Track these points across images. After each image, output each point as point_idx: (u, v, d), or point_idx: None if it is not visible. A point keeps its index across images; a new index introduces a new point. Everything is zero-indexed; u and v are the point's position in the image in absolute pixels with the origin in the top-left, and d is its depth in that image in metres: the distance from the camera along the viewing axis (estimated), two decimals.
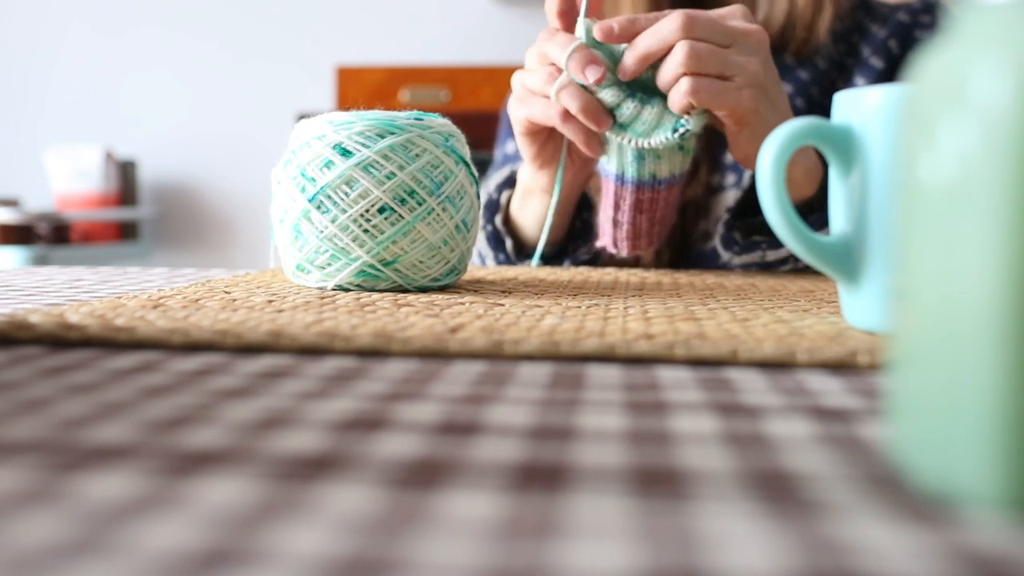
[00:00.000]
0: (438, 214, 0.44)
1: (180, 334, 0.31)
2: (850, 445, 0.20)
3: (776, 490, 0.17)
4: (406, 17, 2.33)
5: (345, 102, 2.08)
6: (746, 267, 0.65)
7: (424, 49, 2.31)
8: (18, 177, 2.41)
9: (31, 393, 0.24)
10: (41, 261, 1.90)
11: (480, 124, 1.22)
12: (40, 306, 0.40)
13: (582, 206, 0.69)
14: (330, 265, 0.44)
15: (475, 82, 2.09)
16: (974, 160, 0.16)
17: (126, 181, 2.27)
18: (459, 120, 0.50)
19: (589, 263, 0.69)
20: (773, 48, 0.67)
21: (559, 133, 0.60)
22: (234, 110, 2.37)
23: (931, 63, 0.18)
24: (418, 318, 0.35)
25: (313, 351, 0.31)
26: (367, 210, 0.43)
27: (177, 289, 0.44)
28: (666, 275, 0.59)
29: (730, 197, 0.73)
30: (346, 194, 0.43)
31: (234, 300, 0.40)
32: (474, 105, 2.05)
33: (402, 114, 0.45)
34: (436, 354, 0.31)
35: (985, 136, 0.16)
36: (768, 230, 0.63)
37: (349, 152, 0.43)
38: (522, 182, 0.67)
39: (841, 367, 0.29)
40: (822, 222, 0.56)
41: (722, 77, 0.51)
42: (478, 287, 0.48)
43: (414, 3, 2.33)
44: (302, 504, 0.16)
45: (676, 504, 0.16)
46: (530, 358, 0.30)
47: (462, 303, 0.40)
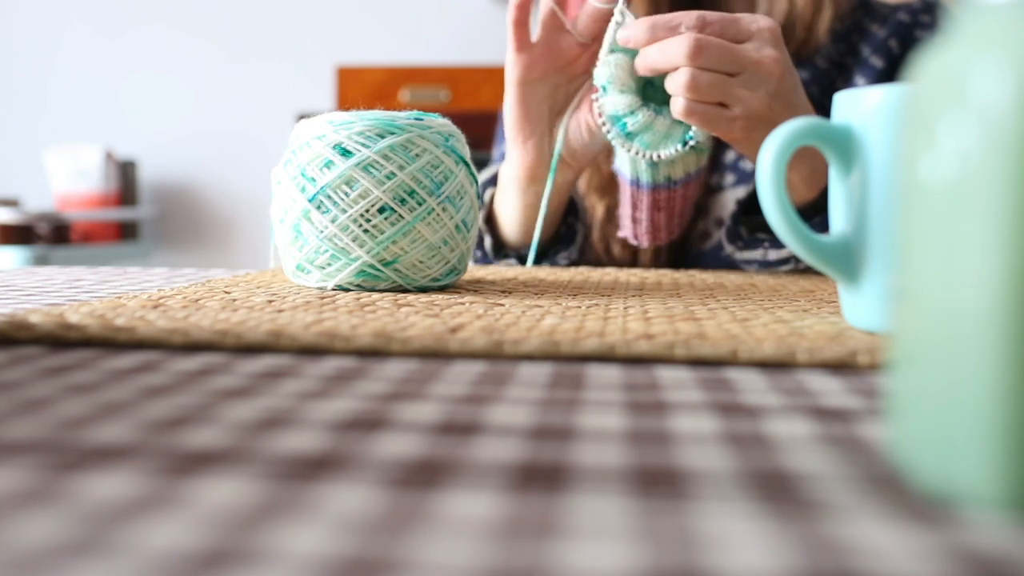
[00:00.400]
0: (438, 214, 0.44)
1: (180, 334, 0.31)
2: (850, 445, 0.20)
3: (776, 490, 0.17)
4: (406, 17, 2.33)
5: (345, 102, 2.08)
6: (748, 263, 0.65)
7: (424, 49, 2.31)
8: (18, 177, 2.41)
9: (31, 393, 0.24)
10: (41, 261, 1.90)
11: (480, 124, 1.22)
12: (40, 306, 0.40)
13: (568, 211, 0.69)
14: (330, 265, 0.44)
15: (475, 82, 2.09)
16: (974, 160, 0.16)
17: (126, 181, 2.27)
18: (459, 120, 0.50)
19: (570, 265, 0.69)
20: None
21: (548, 104, 0.61)
22: (234, 110, 2.37)
23: (931, 63, 0.18)
24: (418, 318, 0.35)
25: (313, 351, 0.31)
26: (367, 210, 0.43)
27: (177, 289, 0.44)
28: (666, 275, 0.59)
29: (730, 196, 0.73)
30: (346, 194, 0.43)
31: (234, 300, 0.40)
32: (474, 105, 2.05)
33: (402, 114, 0.45)
34: (436, 354, 0.31)
35: (985, 136, 0.16)
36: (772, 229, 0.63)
37: (349, 152, 0.43)
38: (503, 176, 0.67)
39: (841, 367, 0.29)
40: (823, 225, 0.56)
41: (722, 105, 0.51)
42: (478, 287, 0.48)
43: (414, 3, 2.33)
44: (302, 504, 0.16)
45: (676, 504, 0.16)
46: (530, 358, 0.30)
47: (462, 303, 0.40)
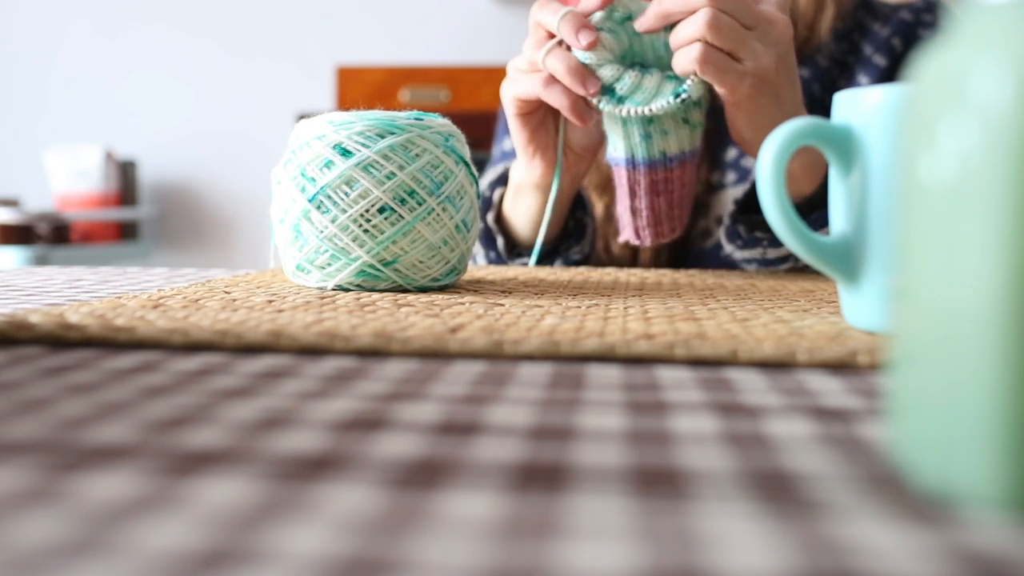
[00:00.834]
0: (438, 214, 0.44)
1: (180, 334, 0.31)
2: (850, 445, 0.20)
3: (776, 490, 0.17)
4: (406, 17, 2.33)
5: (345, 102, 2.08)
6: (747, 262, 0.64)
7: (424, 49, 2.31)
8: (18, 177, 2.41)
9: (31, 393, 0.24)
10: (41, 261, 1.90)
11: (480, 124, 1.22)
12: (40, 306, 0.40)
13: (575, 206, 0.69)
14: (330, 265, 0.44)
15: (475, 82, 2.09)
16: (974, 160, 0.16)
17: (126, 181, 2.27)
18: (459, 120, 0.50)
19: (579, 263, 0.69)
20: None
21: (552, 119, 0.60)
22: (234, 110, 2.37)
23: (931, 63, 0.18)
24: (418, 318, 0.35)
25: (313, 351, 0.31)
26: (367, 210, 0.43)
27: (177, 289, 0.44)
28: (666, 275, 0.59)
29: (730, 195, 0.73)
30: (346, 194, 0.43)
31: (234, 300, 0.40)
32: (474, 105, 2.05)
33: (402, 114, 0.45)
34: (436, 354, 0.31)
35: (985, 136, 0.16)
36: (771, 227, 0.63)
37: (349, 152, 0.43)
38: (514, 179, 0.67)
39: (841, 367, 0.29)
40: (823, 220, 0.56)
41: (733, 56, 0.51)
42: (478, 287, 0.48)
43: (414, 3, 2.33)
44: (302, 504, 0.16)
45: (676, 504, 0.16)
46: (530, 358, 0.30)
47: (462, 303, 0.40)
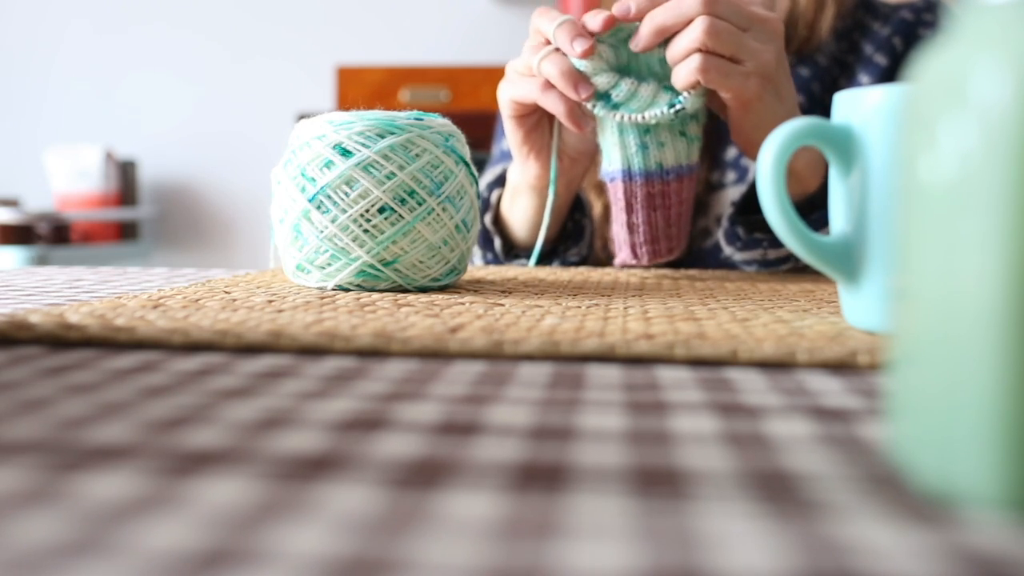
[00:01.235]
0: (438, 214, 0.44)
1: (180, 334, 0.31)
2: (850, 445, 0.20)
3: (776, 490, 0.17)
4: (406, 17, 2.33)
5: (345, 102, 2.08)
6: (747, 263, 0.64)
7: (424, 49, 2.31)
8: (18, 177, 2.41)
9: (31, 393, 0.24)
10: (41, 261, 1.90)
11: (480, 124, 1.22)
12: (40, 306, 0.40)
13: (574, 208, 0.69)
14: (330, 265, 0.44)
15: (475, 82, 2.09)
16: (974, 160, 0.16)
17: (126, 181, 2.27)
18: (459, 120, 0.50)
19: (577, 265, 0.69)
20: None
21: (547, 122, 0.60)
22: (234, 110, 2.37)
23: (931, 63, 0.18)
24: (418, 318, 0.35)
25: (313, 351, 0.31)
26: (367, 210, 0.43)
27: (177, 289, 0.44)
28: (666, 275, 0.59)
29: (731, 195, 0.73)
30: (346, 194, 0.43)
31: (234, 300, 0.40)
32: (474, 105, 2.05)
33: (402, 114, 0.45)
34: (436, 354, 0.31)
35: (985, 136, 0.16)
36: (771, 228, 0.63)
37: (349, 152, 0.43)
38: (511, 180, 0.67)
39: (841, 367, 0.29)
40: (823, 220, 0.56)
41: (733, 60, 0.52)
42: (478, 287, 0.48)
43: (414, 3, 2.33)
44: (302, 504, 0.16)
45: (676, 504, 0.16)
46: (530, 358, 0.30)
47: (462, 303, 0.40)
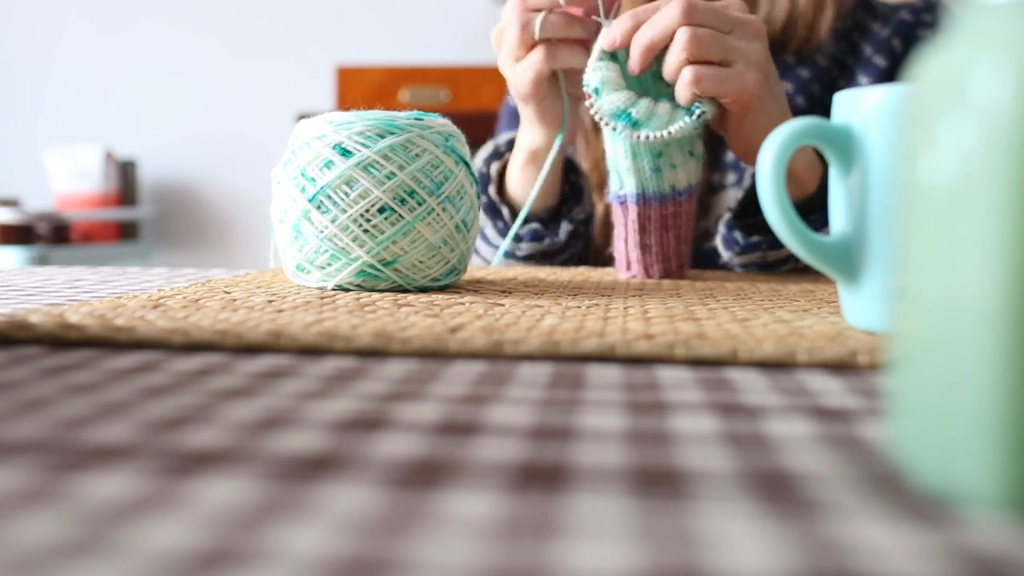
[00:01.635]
0: (438, 214, 0.44)
1: (180, 334, 0.31)
2: (850, 445, 0.20)
3: (776, 490, 0.17)
4: (406, 17, 2.33)
5: (345, 102, 2.08)
6: (746, 267, 0.65)
7: (424, 49, 2.31)
8: (18, 177, 2.41)
9: (31, 393, 0.24)
10: (41, 261, 1.90)
11: (480, 124, 1.22)
12: (40, 306, 0.40)
13: (568, 169, 0.69)
14: (330, 265, 0.44)
15: (475, 82, 2.09)
16: (974, 160, 0.16)
17: (126, 181, 2.27)
18: (459, 120, 0.50)
19: (585, 223, 0.69)
20: (774, 47, 0.67)
21: (555, 86, 0.60)
22: (234, 110, 2.37)
23: (931, 63, 0.18)
24: (418, 318, 0.35)
25: (313, 351, 0.31)
26: (367, 210, 0.43)
27: (177, 289, 0.44)
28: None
29: (730, 196, 0.73)
30: (346, 194, 0.43)
31: (234, 300, 0.40)
32: (474, 105, 2.05)
33: (402, 114, 0.45)
34: (436, 354, 0.31)
35: (985, 136, 0.16)
36: (768, 230, 0.63)
37: (349, 152, 0.43)
38: (522, 148, 0.65)
39: (841, 367, 0.29)
40: (823, 221, 0.56)
41: (724, 63, 0.52)
42: (478, 287, 0.48)
43: (414, 3, 2.33)
44: (302, 504, 0.16)
45: (676, 504, 0.16)
46: (530, 358, 0.30)
47: (462, 303, 0.40)
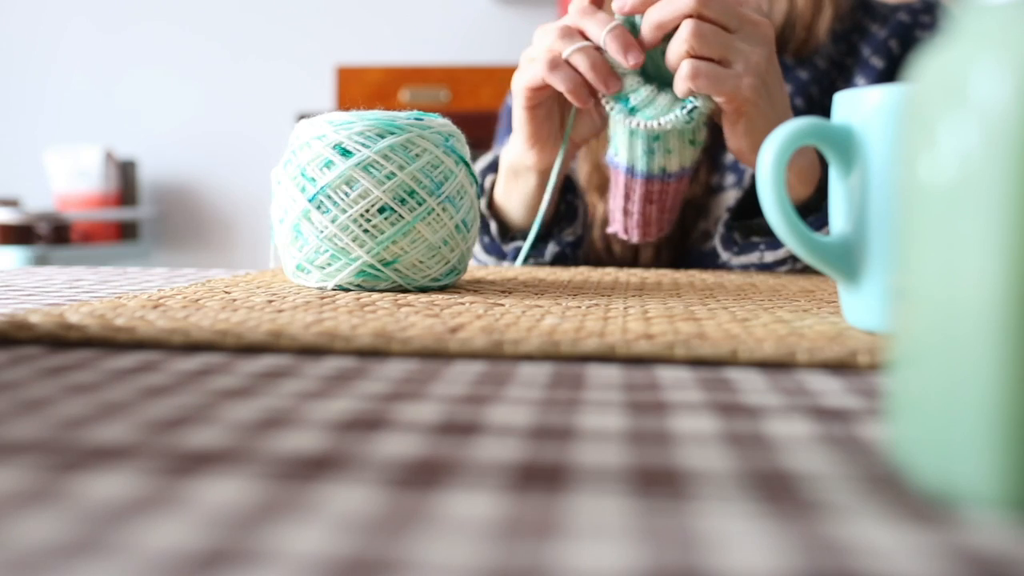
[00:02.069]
0: (438, 214, 0.44)
1: (180, 334, 0.31)
2: (850, 445, 0.20)
3: (776, 490, 0.17)
4: (406, 17, 2.33)
5: (345, 102, 2.08)
6: (745, 268, 0.65)
7: (424, 49, 2.31)
8: (18, 177, 2.41)
9: (31, 393, 0.24)
10: (41, 261, 1.90)
11: (480, 124, 1.22)
12: (40, 306, 0.40)
13: (565, 188, 0.69)
14: (330, 265, 0.44)
15: (475, 82, 2.09)
16: (974, 160, 0.16)
17: (126, 181, 2.27)
18: (459, 120, 0.50)
19: (574, 245, 0.69)
20: None
21: (558, 108, 0.60)
22: (234, 110, 2.37)
23: (931, 63, 0.18)
24: (418, 318, 0.35)
25: (313, 351, 0.31)
26: (367, 210, 0.43)
27: (177, 289, 0.44)
28: (666, 275, 0.59)
29: (730, 197, 0.73)
30: (346, 194, 0.43)
31: (234, 300, 0.40)
32: (474, 105, 2.05)
33: (402, 114, 0.45)
34: (436, 354, 0.31)
35: (985, 136, 0.16)
36: (767, 231, 0.63)
37: (349, 152, 0.43)
38: (508, 162, 0.66)
39: (841, 367, 0.29)
40: (820, 223, 0.56)
41: (723, 63, 0.52)
42: (478, 287, 0.48)
43: (414, 3, 2.33)
44: (302, 504, 0.16)
45: (676, 504, 0.16)
46: (530, 358, 0.30)
47: (462, 303, 0.40)
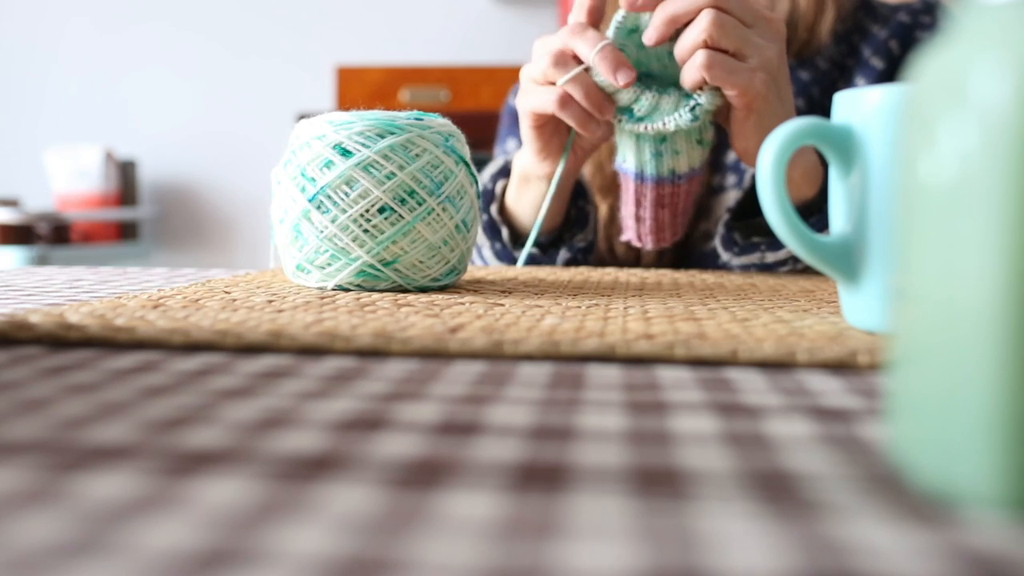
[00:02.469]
0: (438, 214, 0.44)
1: (180, 334, 0.31)
2: (850, 445, 0.20)
3: (776, 490, 0.17)
4: (406, 17, 2.33)
5: (345, 102, 2.08)
6: (745, 268, 0.65)
7: (424, 49, 2.31)
8: (18, 177, 2.41)
9: (31, 393, 0.24)
10: (41, 261, 1.90)
11: (480, 124, 1.22)
12: (40, 306, 0.40)
13: (577, 194, 0.69)
14: (330, 265, 0.44)
15: (475, 82, 2.09)
16: (974, 160, 0.16)
17: (126, 181, 2.27)
18: (459, 120, 0.50)
19: (585, 251, 0.69)
20: None
21: (565, 126, 0.60)
22: (234, 110, 2.37)
23: (931, 63, 0.18)
24: (418, 318, 0.35)
25: (313, 351, 0.31)
26: (367, 210, 0.43)
27: (177, 289, 0.44)
28: (666, 275, 0.59)
29: (731, 197, 0.73)
30: (346, 194, 0.43)
31: (234, 300, 0.40)
32: (474, 105, 2.05)
33: (402, 114, 0.45)
34: (436, 354, 0.31)
35: (985, 136, 0.16)
36: (768, 231, 0.63)
37: (349, 152, 0.43)
38: (520, 170, 0.66)
39: (841, 367, 0.29)
40: (822, 224, 0.56)
41: (738, 56, 0.52)
42: (478, 287, 0.48)
43: (414, 3, 2.33)
44: (302, 504, 0.16)
45: (676, 504, 0.16)
46: (530, 358, 0.30)
47: (462, 303, 0.40)
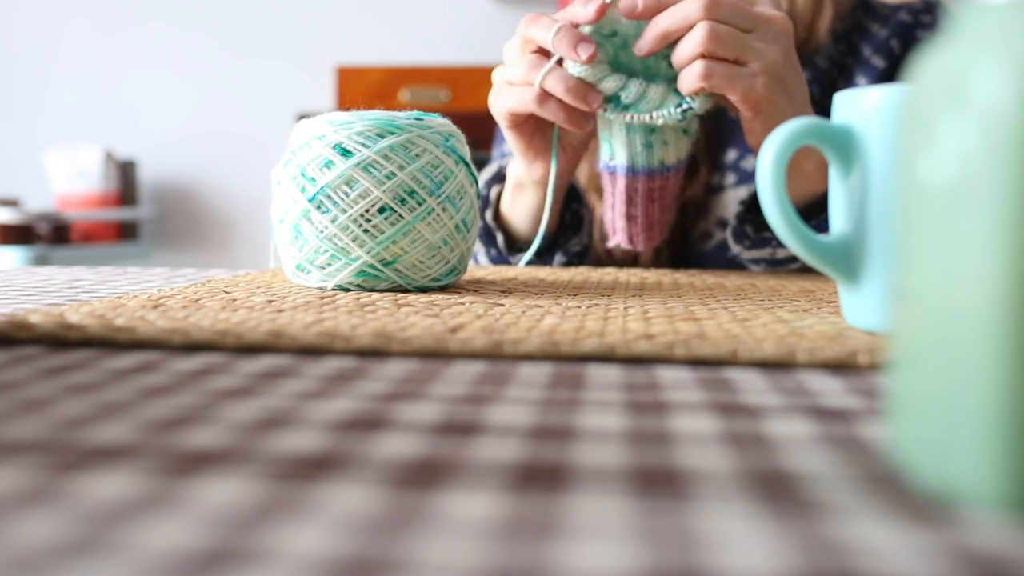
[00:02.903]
0: (438, 214, 0.44)
1: (180, 334, 0.31)
2: (850, 445, 0.20)
3: (776, 490, 0.17)
4: (406, 17, 2.33)
5: (345, 102, 2.08)
6: (755, 262, 0.64)
7: (424, 49, 2.31)
8: (18, 177, 2.41)
9: (31, 393, 0.24)
10: (41, 261, 1.90)
11: (480, 124, 1.22)
12: (40, 306, 0.40)
13: (571, 197, 0.69)
14: (330, 265, 0.44)
15: (475, 82, 2.09)
16: (974, 160, 0.16)
17: (126, 181, 2.27)
18: (459, 120, 0.50)
19: (580, 255, 0.69)
20: None
21: (547, 123, 0.60)
22: (234, 110, 2.37)
23: (931, 63, 0.18)
24: (418, 318, 0.35)
25: (313, 351, 0.31)
26: (367, 210, 0.43)
27: (177, 289, 0.44)
28: (666, 275, 0.59)
29: (730, 197, 0.73)
30: (346, 194, 0.43)
31: (234, 300, 0.40)
32: (474, 105, 2.05)
33: (402, 114, 0.45)
34: (436, 354, 0.31)
35: (985, 136, 0.16)
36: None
37: (349, 152, 0.43)
38: (513, 176, 0.66)
39: (841, 367, 0.29)
40: (826, 226, 0.56)
41: (738, 62, 0.51)
42: (478, 287, 0.48)
43: (414, 3, 2.33)
44: (302, 504, 0.16)
45: (676, 504, 0.16)
46: (530, 358, 0.30)
47: (462, 303, 0.40)
